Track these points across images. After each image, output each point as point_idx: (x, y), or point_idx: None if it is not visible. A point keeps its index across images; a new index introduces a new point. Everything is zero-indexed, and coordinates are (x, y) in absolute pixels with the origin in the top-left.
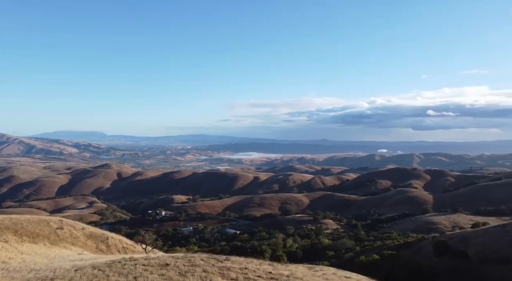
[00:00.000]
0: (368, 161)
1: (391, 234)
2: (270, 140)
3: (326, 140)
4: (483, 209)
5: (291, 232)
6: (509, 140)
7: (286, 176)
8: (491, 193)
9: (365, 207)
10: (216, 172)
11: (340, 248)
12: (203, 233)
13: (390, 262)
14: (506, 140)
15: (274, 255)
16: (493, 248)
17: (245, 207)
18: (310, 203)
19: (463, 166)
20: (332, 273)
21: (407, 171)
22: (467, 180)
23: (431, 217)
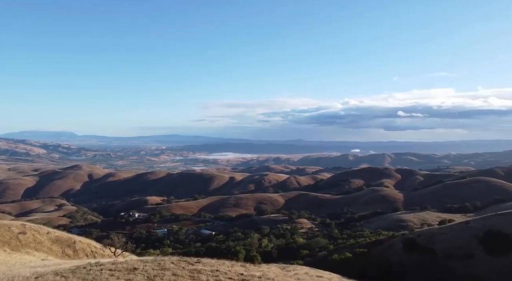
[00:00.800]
0: (341, 161)
1: (364, 232)
2: (245, 141)
3: (301, 140)
4: (449, 207)
5: (267, 232)
6: (474, 140)
7: (261, 176)
8: (457, 191)
9: (338, 206)
10: (191, 173)
11: (314, 247)
12: (178, 234)
13: (362, 260)
14: (471, 140)
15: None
16: (458, 244)
17: (221, 208)
18: (285, 202)
19: (431, 165)
20: (305, 273)
21: (379, 171)
22: (435, 179)
23: (401, 215)
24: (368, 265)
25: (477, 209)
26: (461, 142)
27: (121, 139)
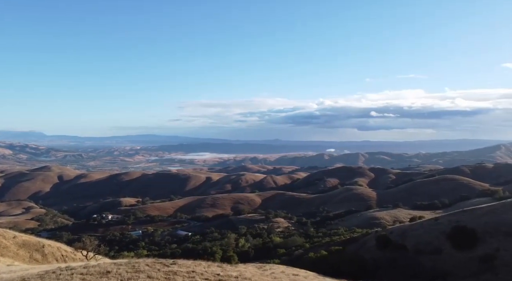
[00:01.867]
0: (317, 160)
1: (339, 230)
2: (222, 140)
3: (278, 140)
4: (419, 204)
5: (244, 231)
6: (442, 139)
7: (238, 176)
8: (427, 189)
9: (314, 205)
10: (167, 173)
11: (291, 246)
12: (153, 236)
13: (337, 257)
14: (440, 140)
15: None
16: (427, 239)
17: (197, 208)
18: (262, 202)
19: (402, 164)
20: (281, 272)
21: (353, 170)
22: (406, 177)
23: (375, 212)
24: (343, 262)
25: (445, 206)
26: (430, 141)
27: (93, 139)
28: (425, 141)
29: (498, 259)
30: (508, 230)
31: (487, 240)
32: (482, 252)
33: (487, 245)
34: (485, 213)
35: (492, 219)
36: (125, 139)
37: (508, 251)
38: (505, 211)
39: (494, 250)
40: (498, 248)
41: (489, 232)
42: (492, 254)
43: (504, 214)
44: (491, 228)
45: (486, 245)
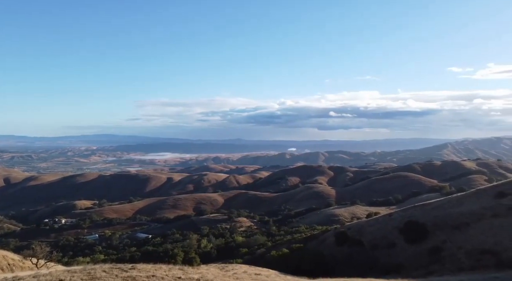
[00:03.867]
0: (279, 159)
1: (300, 228)
2: (184, 140)
3: (240, 140)
4: (375, 200)
5: (206, 232)
6: (396, 138)
7: (201, 176)
8: (382, 186)
9: (276, 204)
10: (126, 174)
11: (253, 245)
12: (111, 239)
13: (298, 255)
14: (394, 139)
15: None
16: (382, 234)
17: (158, 210)
18: (225, 202)
19: (360, 162)
20: (243, 272)
21: (313, 168)
22: (363, 175)
23: (334, 210)
24: (304, 259)
25: (399, 202)
26: (385, 140)
27: (44, 139)
28: (380, 140)
29: (445, 250)
30: (454, 224)
31: (435, 233)
32: (431, 245)
33: (436, 238)
34: (434, 208)
35: (440, 213)
36: (80, 139)
37: (453, 243)
38: (451, 205)
39: (442, 242)
40: (445, 240)
41: (437, 226)
42: (440, 246)
43: (450, 209)
44: (439, 222)
45: (435, 238)
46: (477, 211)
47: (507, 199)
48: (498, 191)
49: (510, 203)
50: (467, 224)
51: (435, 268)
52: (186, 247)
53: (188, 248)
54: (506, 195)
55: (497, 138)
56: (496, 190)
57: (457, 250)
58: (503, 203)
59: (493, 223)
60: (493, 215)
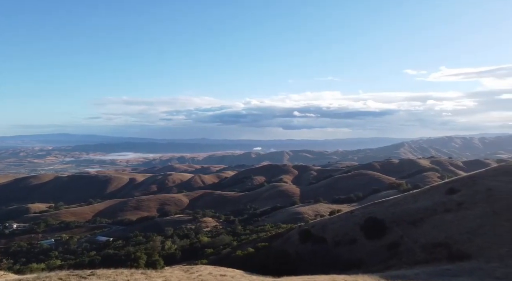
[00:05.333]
0: (245, 158)
1: (265, 227)
2: (147, 140)
3: (206, 139)
4: (338, 198)
5: (170, 233)
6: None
7: (165, 176)
8: (344, 184)
9: (242, 203)
10: (84, 175)
11: (219, 245)
12: (68, 244)
13: (263, 254)
14: (355, 138)
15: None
16: (344, 231)
17: (120, 212)
18: (190, 202)
19: (323, 161)
20: (208, 273)
21: (278, 167)
22: (326, 173)
23: (298, 208)
24: (269, 258)
25: (360, 199)
26: (346, 139)
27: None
28: (343, 139)
29: (402, 245)
30: (410, 219)
31: (393, 229)
32: (390, 240)
33: (394, 234)
34: (392, 204)
35: (397, 209)
36: (33, 138)
37: (409, 237)
38: (407, 202)
39: (399, 238)
40: (402, 235)
41: (395, 222)
42: (397, 241)
43: (406, 205)
44: (397, 218)
45: (393, 234)
46: (430, 207)
47: (457, 195)
48: (449, 187)
49: (460, 199)
50: (422, 219)
51: (393, 263)
52: (150, 249)
53: (151, 251)
54: (456, 191)
55: (448, 138)
56: (447, 186)
57: (413, 244)
58: (453, 199)
59: (445, 218)
60: (445, 210)
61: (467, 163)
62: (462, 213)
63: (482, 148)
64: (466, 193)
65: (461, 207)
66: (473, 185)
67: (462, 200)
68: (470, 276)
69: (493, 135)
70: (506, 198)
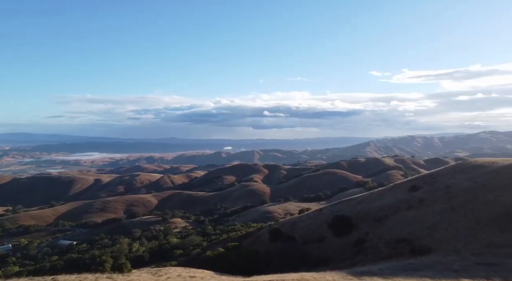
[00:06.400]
0: (215, 158)
1: (235, 226)
2: (114, 139)
3: (175, 139)
4: (307, 196)
5: (138, 235)
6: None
7: (132, 177)
8: (313, 182)
9: (212, 203)
10: (46, 177)
11: (188, 245)
12: (28, 249)
13: (234, 253)
14: (323, 138)
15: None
16: (312, 229)
17: (84, 214)
18: (159, 203)
19: (292, 160)
20: (177, 275)
21: (249, 167)
22: (295, 173)
23: (269, 207)
24: (239, 258)
25: (328, 197)
26: (315, 139)
27: None
28: (311, 139)
29: (367, 241)
30: (375, 216)
31: (360, 226)
32: (356, 237)
33: (360, 231)
34: (358, 202)
35: (364, 207)
36: None
37: (374, 234)
38: (373, 200)
39: (365, 234)
40: (368, 232)
41: (361, 219)
42: (363, 238)
43: (372, 203)
44: (363, 215)
45: (359, 231)
46: (394, 204)
47: (419, 192)
48: (411, 185)
49: (422, 196)
50: (386, 216)
51: (359, 259)
52: (116, 252)
53: (118, 253)
54: (418, 188)
55: (411, 137)
56: (410, 184)
57: (378, 240)
58: (415, 196)
59: (407, 214)
60: (408, 207)
61: (428, 161)
62: (423, 210)
63: (441, 147)
64: (427, 190)
65: (423, 203)
66: (433, 183)
67: (423, 197)
68: (430, 269)
69: (451, 135)
70: (462, 195)
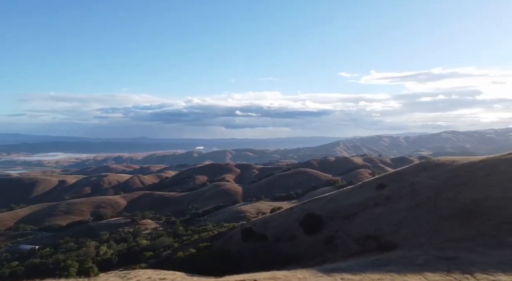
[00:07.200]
0: (187, 158)
1: (207, 226)
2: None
3: (145, 138)
4: (279, 195)
5: (106, 237)
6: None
7: (100, 178)
8: (284, 181)
9: (184, 203)
10: (5, 178)
11: (159, 247)
12: None
13: (205, 254)
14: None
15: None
16: (284, 228)
17: (48, 217)
18: (128, 204)
19: (264, 160)
20: (147, 278)
21: (221, 166)
22: (267, 172)
23: (241, 206)
24: (211, 258)
25: (299, 196)
26: (287, 138)
27: None
28: (283, 138)
29: (337, 239)
30: (344, 214)
31: (330, 224)
32: (326, 235)
33: (330, 228)
34: (328, 200)
35: (333, 205)
36: None
37: (344, 231)
38: (342, 198)
39: (335, 232)
40: (337, 229)
41: (331, 217)
42: (333, 236)
43: (341, 201)
44: (333, 213)
45: (329, 228)
46: (362, 202)
47: (386, 190)
48: (378, 183)
49: (388, 194)
50: (355, 213)
51: (329, 256)
52: (82, 256)
53: (84, 257)
54: (385, 186)
55: (378, 136)
56: (377, 182)
57: (347, 238)
58: (382, 193)
59: (375, 211)
60: (375, 205)
61: (394, 160)
62: (389, 207)
63: (406, 146)
64: (393, 188)
65: (389, 201)
66: (399, 181)
67: (389, 195)
68: (396, 264)
69: (415, 134)
70: (426, 192)
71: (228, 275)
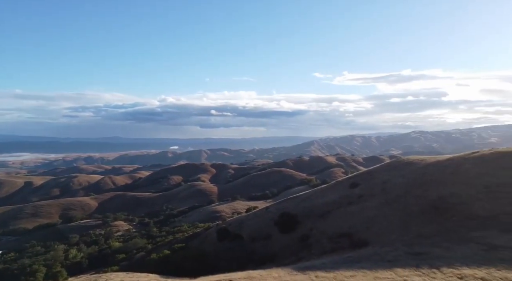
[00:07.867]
0: (161, 158)
1: (182, 227)
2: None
3: (118, 138)
4: (254, 195)
5: (75, 240)
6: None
7: (69, 179)
8: (260, 181)
9: (158, 204)
10: None
11: (132, 249)
12: None
13: (180, 255)
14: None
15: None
16: (259, 227)
17: (12, 220)
18: (99, 205)
19: (240, 159)
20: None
21: (196, 166)
22: (243, 171)
23: (216, 206)
24: (186, 259)
25: (274, 195)
26: (262, 138)
27: None
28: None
29: (311, 237)
30: (318, 213)
31: (304, 222)
32: (301, 233)
33: (304, 227)
34: (303, 199)
35: (308, 204)
36: None
37: (318, 230)
38: (316, 197)
39: (309, 230)
40: (312, 228)
41: (306, 216)
42: (307, 234)
43: (315, 199)
44: (308, 212)
45: (303, 227)
46: (336, 200)
47: (358, 189)
48: (351, 182)
49: (360, 192)
50: (329, 212)
51: (304, 254)
52: (50, 260)
53: (52, 261)
54: (357, 185)
55: (351, 136)
56: (350, 181)
57: (321, 236)
58: (355, 192)
59: (348, 210)
60: (348, 203)
61: (366, 159)
62: (362, 205)
63: (378, 146)
64: (365, 187)
65: (361, 199)
66: (371, 179)
67: (362, 193)
68: (368, 261)
69: (386, 134)
70: (396, 190)
71: (204, 275)
